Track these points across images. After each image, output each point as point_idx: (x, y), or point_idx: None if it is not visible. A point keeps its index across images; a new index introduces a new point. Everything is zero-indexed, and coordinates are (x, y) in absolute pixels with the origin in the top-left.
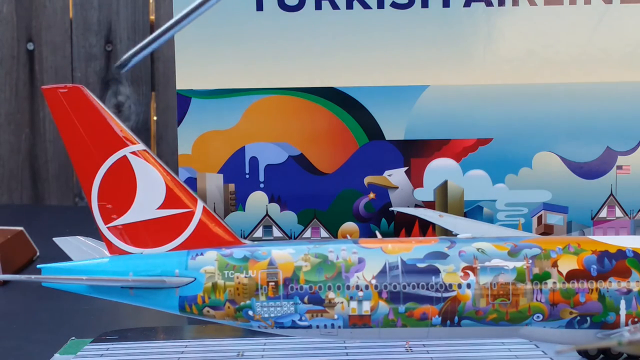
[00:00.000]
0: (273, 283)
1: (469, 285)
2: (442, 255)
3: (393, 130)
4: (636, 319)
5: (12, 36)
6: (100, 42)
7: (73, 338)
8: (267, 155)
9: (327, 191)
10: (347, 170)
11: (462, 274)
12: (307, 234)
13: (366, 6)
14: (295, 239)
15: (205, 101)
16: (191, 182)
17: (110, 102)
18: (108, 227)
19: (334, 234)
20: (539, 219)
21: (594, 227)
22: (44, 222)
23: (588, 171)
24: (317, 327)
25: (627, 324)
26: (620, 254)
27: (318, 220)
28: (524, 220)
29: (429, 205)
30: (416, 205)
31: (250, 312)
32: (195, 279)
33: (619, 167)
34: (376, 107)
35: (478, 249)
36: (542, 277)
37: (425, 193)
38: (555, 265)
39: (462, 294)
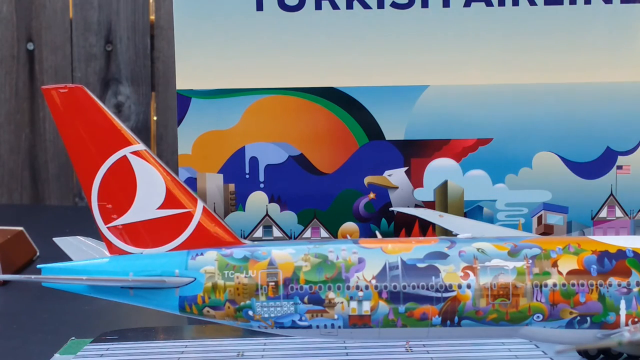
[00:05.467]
0: (273, 283)
1: (469, 286)
2: (442, 255)
3: (393, 130)
4: (636, 319)
5: (12, 36)
6: (100, 42)
7: (73, 338)
8: (267, 155)
9: (327, 191)
10: (347, 170)
11: (462, 274)
12: (307, 234)
13: (366, 6)
14: (295, 239)
15: (205, 101)
16: (191, 182)
17: (110, 102)
18: (108, 227)
19: (334, 234)
20: (539, 219)
21: (594, 227)
22: (44, 222)
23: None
24: (317, 327)
25: (627, 324)
26: (620, 254)
27: (318, 220)
28: (524, 220)
29: (429, 205)
30: (416, 205)
31: (250, 312)
32: (195, 279)
33: (619, 167)
34: (376, 107)
35: (478, 249)
36: (542, 277)
37: (425, 193)
38: (555, 265)
39: (462, 294)
